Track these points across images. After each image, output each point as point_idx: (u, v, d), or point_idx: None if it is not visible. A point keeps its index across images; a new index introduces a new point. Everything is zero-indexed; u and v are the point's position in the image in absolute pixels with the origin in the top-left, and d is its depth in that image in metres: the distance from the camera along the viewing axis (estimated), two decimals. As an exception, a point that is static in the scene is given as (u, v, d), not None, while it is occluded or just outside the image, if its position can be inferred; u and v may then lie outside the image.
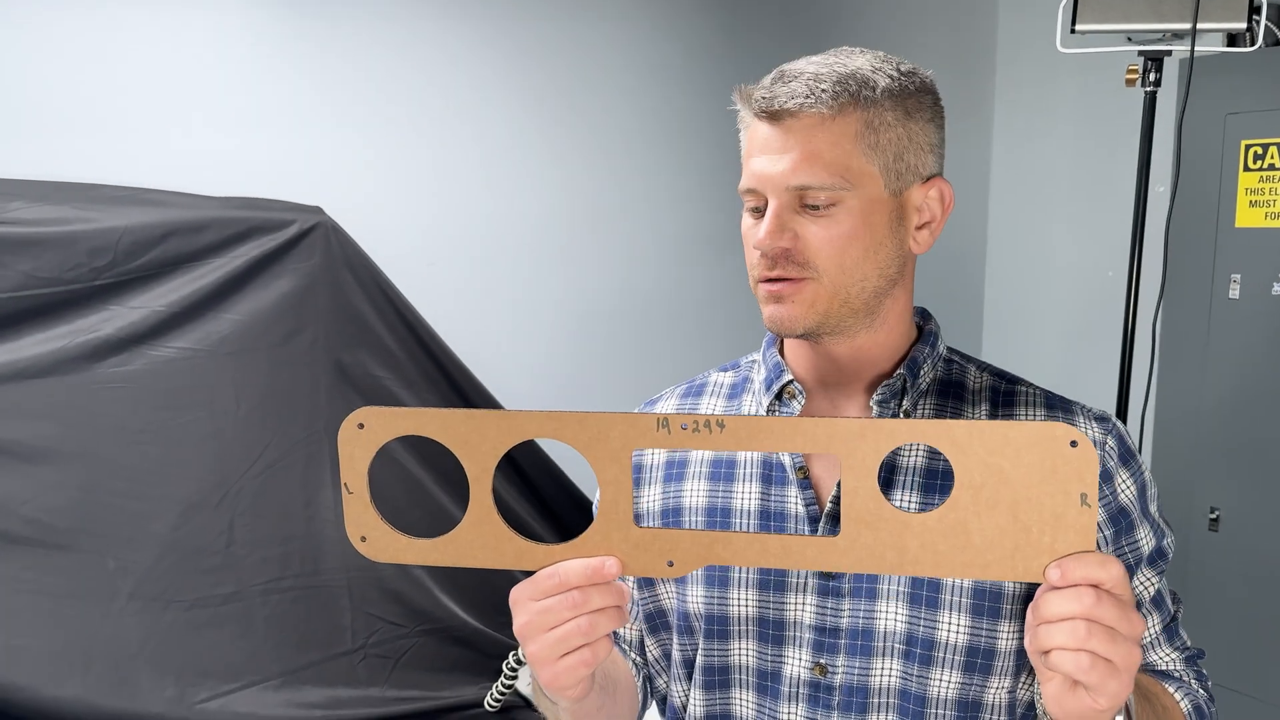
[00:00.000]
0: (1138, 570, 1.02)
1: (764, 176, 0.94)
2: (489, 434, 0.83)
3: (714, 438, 0.80)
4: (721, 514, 1.02)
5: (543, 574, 0.83)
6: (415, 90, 2.30)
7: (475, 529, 0.84)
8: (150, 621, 1.91)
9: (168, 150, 2.04)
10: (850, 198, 0.93)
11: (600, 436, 0.82)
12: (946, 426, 0.77)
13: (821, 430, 0.79)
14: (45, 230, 1.83)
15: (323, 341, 2.09)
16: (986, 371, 1.06)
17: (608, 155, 2.56)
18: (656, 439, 0.81)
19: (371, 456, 0.85)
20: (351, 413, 0.84)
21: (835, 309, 0.95)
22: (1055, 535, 0.76)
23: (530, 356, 2.49)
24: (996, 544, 0.77)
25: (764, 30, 2.74)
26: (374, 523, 0.85)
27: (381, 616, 2.11)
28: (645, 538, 0.83)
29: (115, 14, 1.99)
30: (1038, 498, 0.76)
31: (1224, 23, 1.70)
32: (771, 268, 0.94)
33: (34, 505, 1.84)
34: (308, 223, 2.07)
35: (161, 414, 1.94)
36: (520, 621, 0.84)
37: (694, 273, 2.69)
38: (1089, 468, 0.75)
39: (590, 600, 0.81)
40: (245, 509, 2.00)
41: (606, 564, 0.82)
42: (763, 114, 0.94)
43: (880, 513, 0.78)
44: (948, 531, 0.78)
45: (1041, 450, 0.75)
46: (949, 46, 3.04)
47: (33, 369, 1.84)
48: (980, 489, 0.77)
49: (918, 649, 0.96)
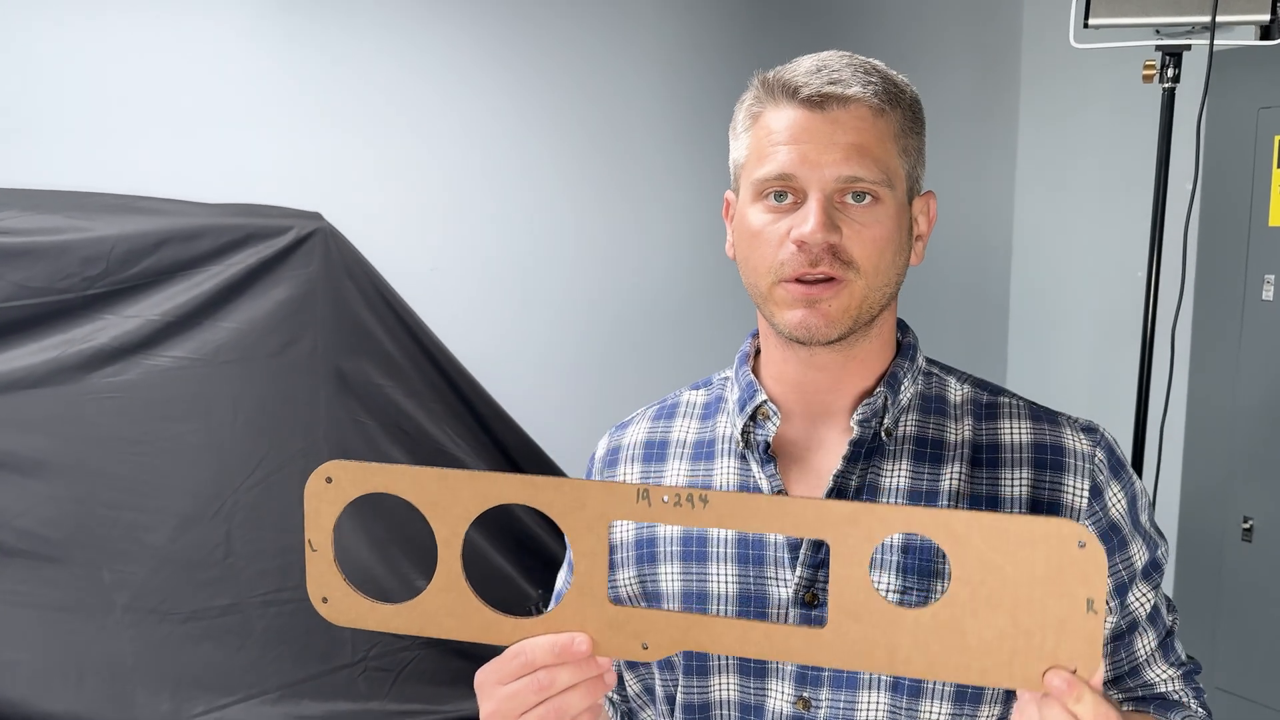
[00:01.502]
0: (1132, 586, 0.96)
1: (808, 162, 0.88)
2: (461, 496, 0.79)
3: (696, 513, 0.75)
4: (698, 599, 0.97)
5: (508, 653, 0.78)
6: (414, 94, 2.27)
7: (441, 596, 0.81)
8: (146, 634, 1.90)
9: (163, 157, 2.02)
10: (889, 197, 0.90)
11: (576, 504, 0.78)
12: (944, 517, 0.72)
13: (810, 512, 0.74)
14: (37, 240, 1.82)
15: (322, 349, 2.06)
16: (967, 383, 1.01)
17: (611, 158, 2.52)
18: (635, 511, 0.77)
19: (338, 513, 0.81)
20: (319, 466, 0.81)
21: (864, 314, 0.91)
22: (1058, 642, 0.70)
23: (534, 361, 2.45)
24: (994, 648, 0.72)
25: (781, 31, 2.68)
26: (337, 583, 0.82)
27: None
28: (620, 616, 0.78)
29: (109, 21, 1.97)
30: (1040, 600, 0.70)
31: (1246, 14, 1.61)
32: (815, 264, 0.87)
33: (28, 517, 1.83)
34: (306, 229, 2.04)
35: (157, 424, 1.92)
36: (486, 710, 0.79)
37: (700, 277, 2.64)
38: (1097, 571, 0.69)
39: (557, 681, 0.77)
40: (243, 520, 1.98)
41: (576, 640, 0.77)
42: (808, 100, 0.89)
43: (870, 605, 0.73)
44: (941, 630, 0.72)
45: (1045, 548, 0.70)
46: (972, 45, 2.96)
47: (26, 380, 1.83)
48: (979, 586, 0.71)
49: (906, 680, 0.91)
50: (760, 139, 0.92)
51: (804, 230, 0.87)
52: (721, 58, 2.62)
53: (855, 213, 0.89)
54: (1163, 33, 1.83)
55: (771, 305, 0.92)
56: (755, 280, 0.93)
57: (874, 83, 0.89)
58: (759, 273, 0.92)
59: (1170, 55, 1.76)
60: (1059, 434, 0.95)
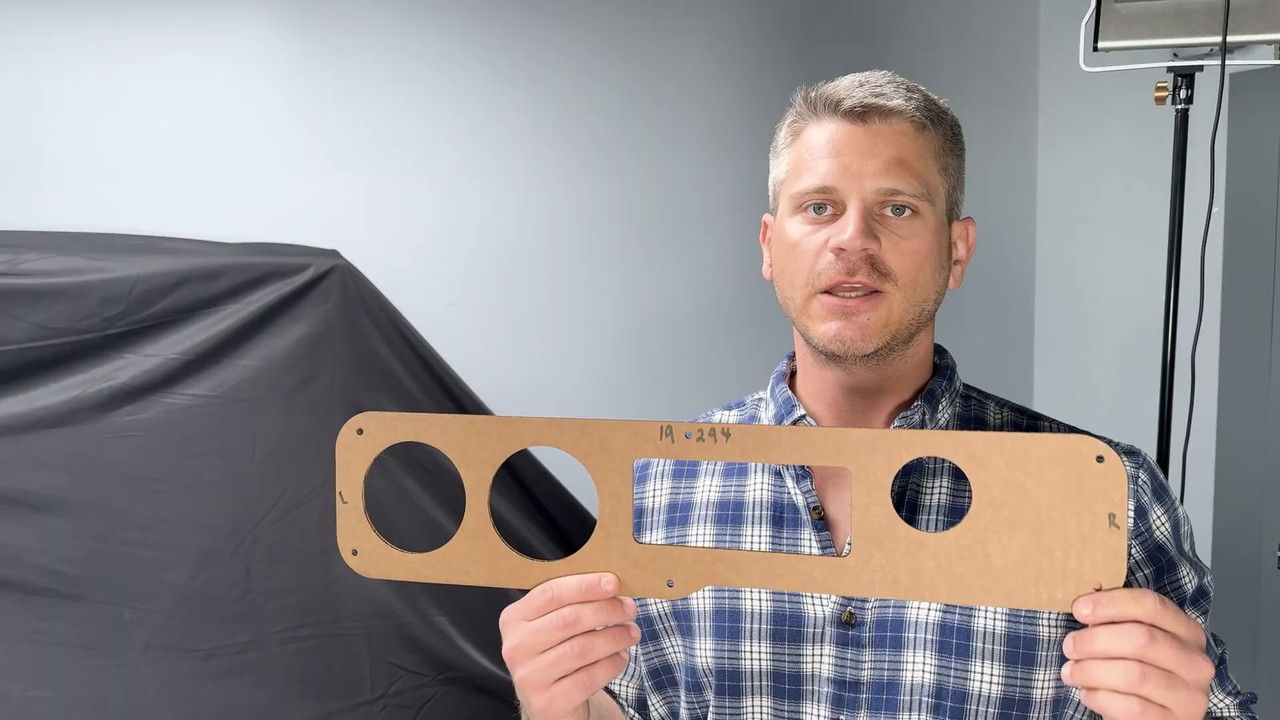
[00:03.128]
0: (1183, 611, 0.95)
1: (849, 174, 0.89)
2: (489, 441, 0.80)
3: (719, 447, 0.77)
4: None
5: (535, 591, 0.79)
6: (429, 134, 2.29)
7: (470, 543, 0.82)
8: (166, 672, 1.90)
9: (182, 198, 2.05)
10: (929, 212, 0.91)
11: (601, 445, 0.79)
12: (965, 438, 0.72)
13: (831, 441, 0.75)
14: (57, 281, 1.84)
15: (340, 385, 2.07)
16: (1006, 408, 1.01)
17: (632, 190, 2.53)
18: (660, 448, 0.78)
19: (369, 464, 0.82)
20: (350, 419, 0.82)
21: (903, 330, 0.91)
22: (1082, 559, 0.71)
23: (552, 394, 2.45)
24: (1018, 568, 0.72)
25: (798, 52, 2.68)
26: (366, 535, 0.83)
27: (402, 665, 2.07)
28: (645, 554, 0.79)
29: (129, 67, 2.01)
30: (1062, 518, 0.71)
31: (1259, 34, 1.60)
32: (852, 273, 0.88)
33: (49, 556, 1.84)
34: (324, 266, 2.05)
35: (177, 462, 1.93)
36: (510, 644, 0.80)
37: (723, 307, 2.63)
38: (1117, 485, 0.70)
39: (582, 620, 0.77)
40: (262, 557, 1.98)
41: (603, 580, 0.78)
42: (849, 113, 0.90)
43: (893, 531, 0.73)
44: (965, 553, 0.72)
45: (1066, 466, 0.70)
46: (989, 71, 2.96)
47: (47, 419, 1.85)
48: (1000, 507, 0.72)
49: (948, 702, 0.89)
50: (801, 153, 0.93)
51: (843, 238, 0.88)
52: (747, 86, 2.62)
53: (894, 225, 0.89)
54: (1180, 54, 1.82)
55: (806, 319, 0.92)
56: (792, 293, 0.93)
57: (916, 98, 0.91)
58: (795, 285, 0.92)
59: (1182, 76, 1.75)
60: None
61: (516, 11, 2.37)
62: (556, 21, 2.41)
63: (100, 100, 2.00)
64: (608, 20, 2.46)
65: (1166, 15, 1.67)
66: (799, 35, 2.69)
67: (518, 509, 2.25)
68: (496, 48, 2.36)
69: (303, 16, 2.16)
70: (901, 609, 0.91)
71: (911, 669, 0.90)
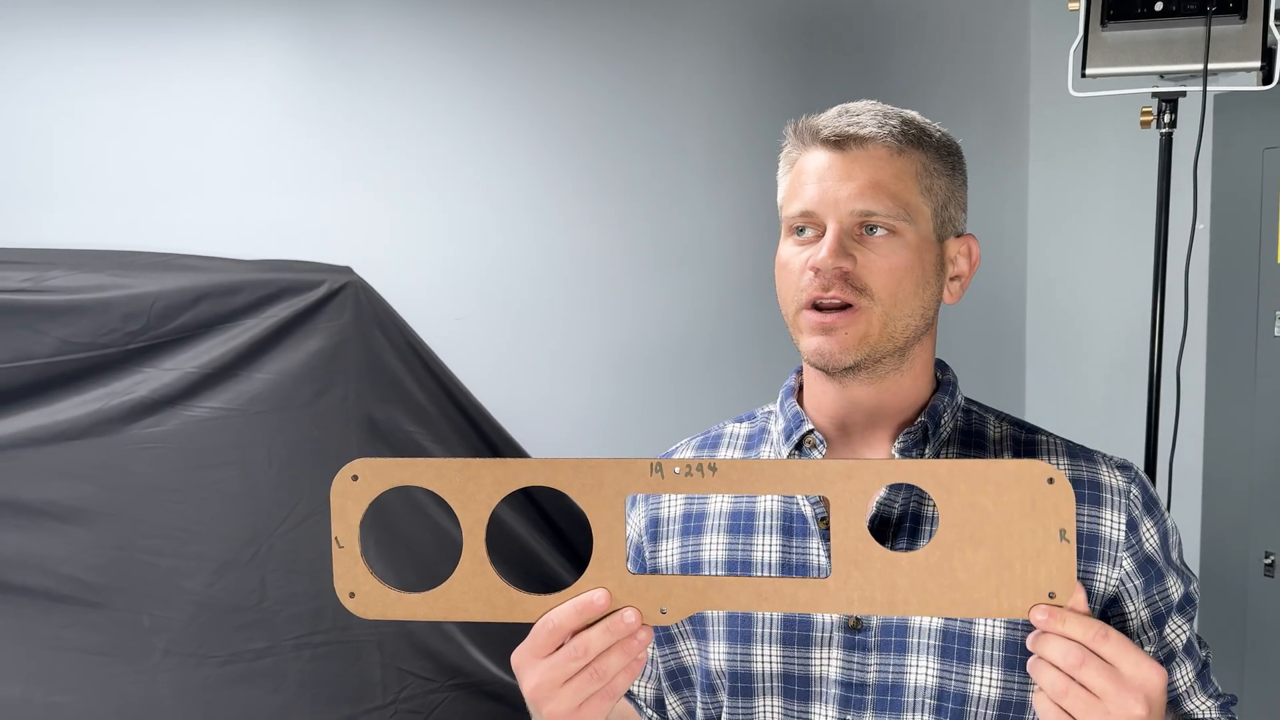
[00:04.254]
0: (1169, 619, 1.00)
1: (826, 199, 0.95)
2: (484, 483, 0.84)
3: (706, 481, 0.82)
4: (742, 567, 1.02)
5: (537, 628, 0.83)
6: (440, 151, 2.34)
7: (467, 581, 0.84)
8: (184, 678, 1.94)
9: (201, 217, 2.10)
10: (908, 231, 0.95)
11: (595, 483, 0.83)
12: (930, 466, 0.79)
13: (810, 472, 0.81)
14: (81, 297, 1.90)
15: (353, 398, 2.12)
16: (1006, 421, 1.06)
17: (640, 207, 2.58)
18: (650, 484, 0.82)
19: (364, 509, 0.85)
20: (345, 465, 0.84)
21: (882, 343, 0.96)
22: (1037, 571, 0.78)
23: (561, 407, 2.49)
24: (982, 581, 0.78)
25: (793, 82, 2.74)
26: (363, 577, 0.85)
27: (412, 671, 2.12)
28: (639, 585, 0.83)
29: (150, 91, 2.07)
30: (1019, 534, 0.78)
31: (1238, 62, 1.67)
32: (827, 288, 0.94)
33: (72, 564, 1.89)
34: (337, 282, 2.11)
35: (195, 473, 1.98)
36: (531, 684, 0.83)
37: (732, 322, 2.68)
38: (1066, 504, 0.77)
39: (591, 646, 0.81)
40: (277, 565, 2.03)
41: (594, 597, 0.82)
42: (828, 141, 0.97)
43: (869, 553, 0.80)
44: (934, 570, 0.79)
45: (1021, 488, 0.78)
46: (981, 94, 3.02)
47: (70, 431, 1.90)
48: (964, 526, 0.79)
49: (950, 704, 0.94)
50: (793, 180, 1.00)
51: (818, 257, 0.94)
52: (746, 108, 2.68)
53: (871, 244, 0.95)
54: (1165, 79, 1.89)
55: (796, 332, 0.98)
56: (785, 309, 1.00)
57: (891, 124, 0.97)
58: (786, 301, 0.99)
59: (1166, 101, 1.82)
60: (1095, 470, 1.00)
61: (529, 32, 2.42)
62: (571, 40, 2.46)
63: (120, 121, 2.06)
64: (623, 40, 2.52)
65: (1151, 43, 1.74)
66: (798, 64, 2.76)
67: (531, 526, 2.30)
68: (509, 68, 2.41)
69: (316, 35, 2.22)
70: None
71: (915, 672, 0.95)
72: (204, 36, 2.12)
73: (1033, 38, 3.05)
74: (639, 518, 1.10)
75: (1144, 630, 0.99)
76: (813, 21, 2.77)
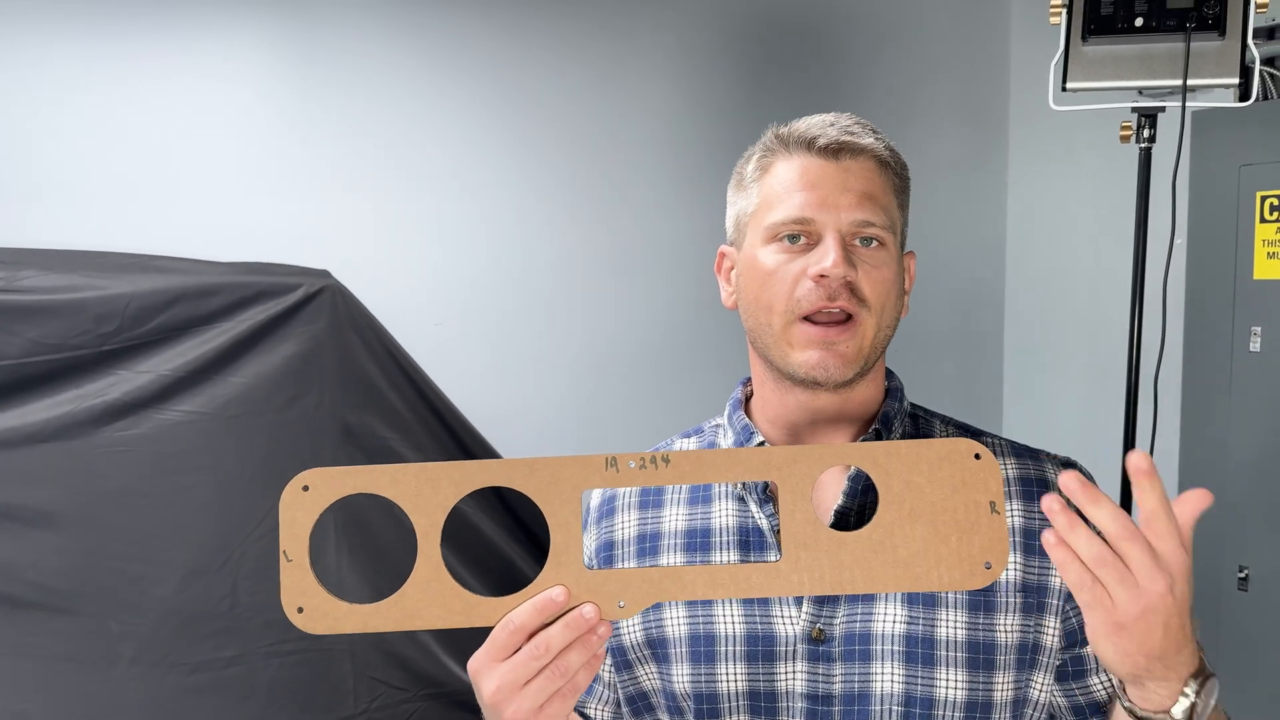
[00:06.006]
0: None
1: (825, 206, 0.94)
2: (441, 486, 0.83)
3: (660, 473, 0.84)
4: (703, 604, 1.00)
5: (496, 630, 0.81)
6: (419, 155, 2.34)
7: (422, 588, 0.83)
8: (152, 686, 1.91)
9: (176, 217, 2.08)
10: (892, 244, 0.96)
11: (550, 480, 0.83)
12: (869, 448, 0.83)
13: (758, 459, 0.84)
14: (53, 298, 1.87)
15: (329, 404, 2.10)
16: (951, 425, 1.07)
17: (613, 215, 2.58)
18: (606, 478, 0.84)
19: (314, 521, 0.83)
20: (295, 476, 0.82)
21: (872, 355, 0.96)
22: (972, 542, 0.82)
23: (538, 414, 2.48)
24: (921, 555, 0.82)
25: (775, 90, 2.75)
26: (313, 590, 0.82)
27: (384, 680, 2.09)
28: (596, 580, 0.83)
29: (125, 88, 2.05)
30: (952, 509, 0.82)
31: (1216, 78, 1.69)
32: (833, 298, 0.93)
33: (37, 569, 1.86)
34: (314, 286, 2.09)
35: (166, 477, 1.95)
36: (491, 688, 0.81)
37: (703, 328, 2.68)
38: (993, 477, 0.82)
39: (552, 644, 0.80)
40: (249, 572, 2.00)
41: (554, 594, 0.81)
42: (824, 149, 0.96)
43: (816, 534, 0.82)
44: (876, 546, 0.82)
45: (950, 465, 0.82)
46: (962, 106, 3.04)
47: (39, 434, 1.87)
48: (902, 504, 0.82)
49: (917, 709, 0.94)
50: (773, 186, 0.98)
51: (825, 264, 0.93)
52: (721, 119, 2.69)
53: (865, 255, 0.95)
54: (1145, 94, 1.90)
55: (785, 345, 0.96)
56: (768, 320, 0.97)
57: (881, 139, 0.98)
58: (774, 311, 0.96)
59: (1145, 116, 1.83)
60: (1042, 468, 1.01)
61: (508, 40, 2.42)
62: (552, 45, 2.47)
63: (96, 121, 2.03)
64: (603, 44, 2.52)
65: (1131, 59, 1.76)
66: (782, 74, 2.76)
67: (497, 524, 2.28)
68: (486, 74, 2.41)
69: (293, 37, 2.21)
70: (868, 622, 0.95)
71: (880, 680, 0.94)
72: (182, 37, 2.10)
73: (1014, 51, 3.07)
74: (591, 541, 1.08)
75: None
76: (795, 33, 2.78)
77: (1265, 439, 2.35)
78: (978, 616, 0.95)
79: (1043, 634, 0.96)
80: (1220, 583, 2.45)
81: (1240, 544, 2.42)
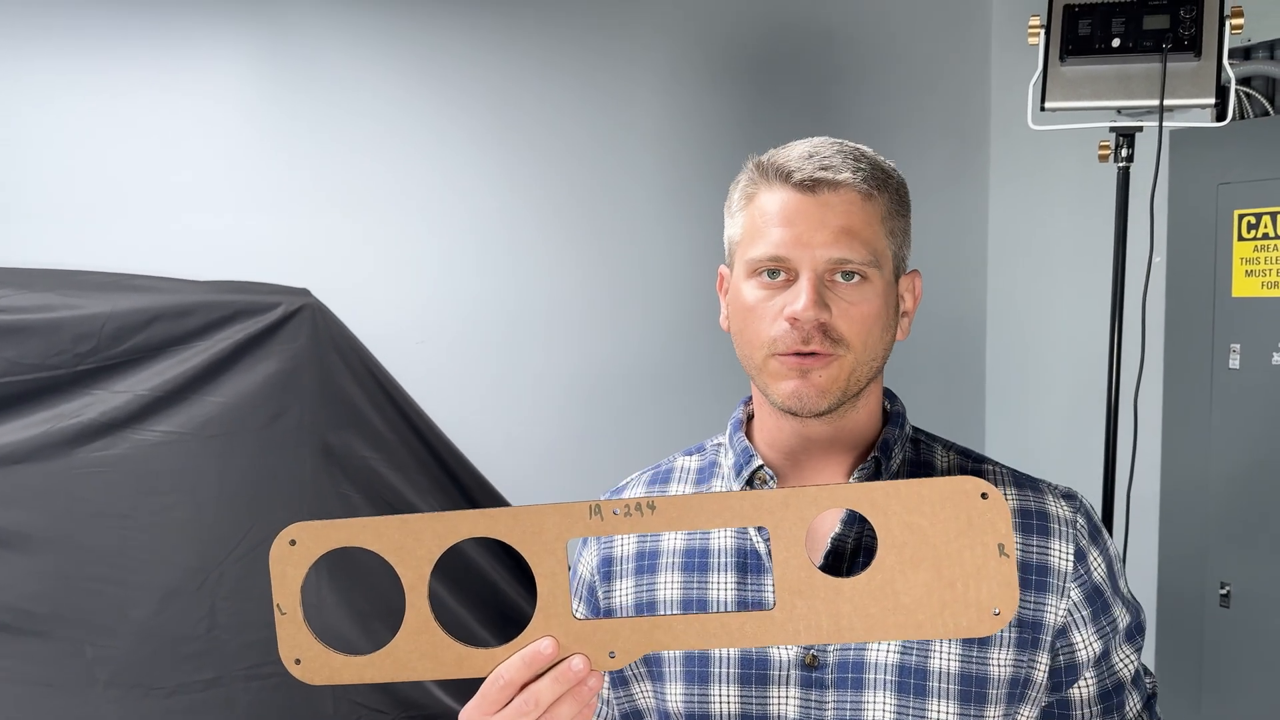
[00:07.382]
0: (1117, 648, 1.00)
1: (800, 244, 0.93)
2: (424, 538, 0.82)
3: (646, 520, 0.80)
4: (698, 605, 1.00)
5: (486, 683, 0.81)
6: (400, 172, 2.33)
7: (412, 640, 0.83)
8: (129, 710, 1.89)
9: (154, 236, 2.07)
10: (876, 277, 0.94)
11: (534, 530, 0.81)
12: (866, 490, 0.78)
13: (748, 504, 0.80)
14: (30, 317, 1.86)
15: (309, 423, 2.09)
16: (953, 450, 1.06)
17: (598, 234, 2.57)
18: (590, 526, 0.81)
19: (304, 574, 0.83)
20: (282, 530, 0.82)
21: (851, 388, 0.95)
22: (980, 588, 0.77)
23: (521, 435, 2.47)
24: (924, 602, 0.77)
25: (768, 116, 2.76)
26: (308, 643, 0.83)
27: (364, 704, 2.07)
28: (585, 630, 0.82)
29: (102, 103, 2.04)
30: (957, 552, 0.77)
31: (1193, 98, 1.70)
32: (806, 342, 0.92)
33: (12, 592, 1.84)
34: (294, 305, 2.08)
35: (143, 498, 1.94)
36: None
37: (684, 349, 2.68)
38: (1002, 518, 0.76)
39: (541, 697, 0.79)
40: (228, 594, 1.99)
41: (542, 646, 0.80)
42: (799, 184, 0.94)
43: (812, 581, 0.79)
44: (876, 593, 0.78)
45: (955, 505, 0.77)
46: (944, 127, 3.05)
47: (14, 455, 1.85)
48: (903, 548, 0.78)
49: None
50: (754, 218, 0.97)
51: (795, 307, 0.92)
52: (711, 138, 2.69)
53: (844, 291, 0.93)
54: (1123, 113, 1.92)
55: (765, 377, 0.95)
56: (750, 353, 0.97)
57: (863, 169, 0.95)
58: (753, 345, 0.96)
59: (1123, 136, 1.85)
60: (1042, 500, 1.00)
61: (494, 59, 2.42)
62: (540, 68, 2.47)
63: (74, 138, 2.02)
64: (591, 68, 2.53)
65: (1109, 79, 1.77)
66: (763, 96, 2.77)
67: (494, 558, 2.27)
68: (472, 94, 2.40)
69: (274, 54, 2.20)
70: (862, 651, 0.94)
71: (872, 708, 0.93)
72: (161, 53, 2.09)
73: (993, 71, 3.09)
74: (591, 556, 1.08)
75: (1095, 662, 0.98)
76: (775, 54, 2.79)
77: (1245, 455, 2.36)
78: (971, 649, 0.94)
79: (1035, 669, 0.96)
80: (1203, 600, 2.45)
81: (1222, 561, 2.42)
